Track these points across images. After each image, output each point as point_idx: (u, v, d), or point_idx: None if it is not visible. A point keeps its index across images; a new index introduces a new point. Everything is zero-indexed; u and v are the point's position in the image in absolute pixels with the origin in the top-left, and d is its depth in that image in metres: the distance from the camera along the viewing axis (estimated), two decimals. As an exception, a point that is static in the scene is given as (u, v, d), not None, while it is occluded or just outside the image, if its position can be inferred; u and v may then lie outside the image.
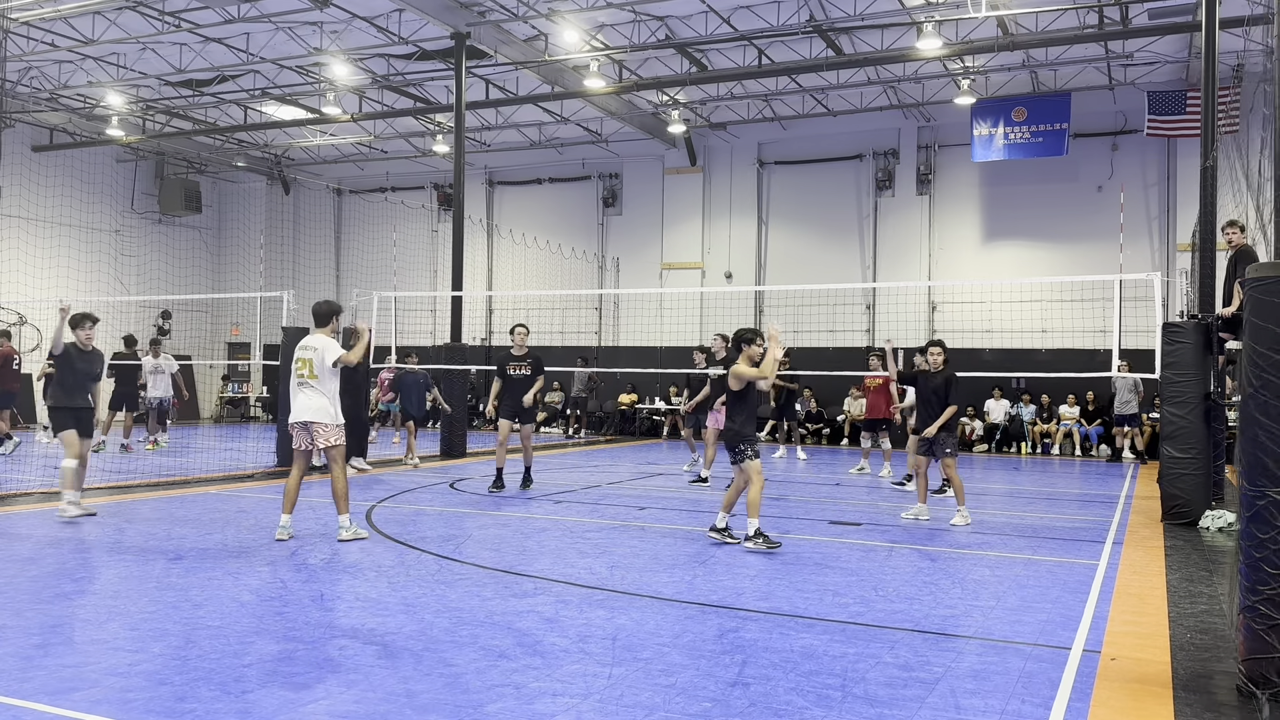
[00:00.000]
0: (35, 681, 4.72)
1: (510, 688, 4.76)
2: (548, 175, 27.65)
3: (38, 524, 9.47)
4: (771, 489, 13.71)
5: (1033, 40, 17.67)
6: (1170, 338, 10.92)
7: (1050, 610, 6.56)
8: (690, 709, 4.51)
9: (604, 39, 19.56)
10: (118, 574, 7.26)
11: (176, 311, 28.27)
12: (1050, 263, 21.89)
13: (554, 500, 12.03)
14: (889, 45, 19.04)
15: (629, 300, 25.94)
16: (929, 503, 10.88)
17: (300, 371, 8.82)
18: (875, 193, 23.89)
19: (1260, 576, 4.74)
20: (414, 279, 27.76)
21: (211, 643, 5.43)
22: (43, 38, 19.65)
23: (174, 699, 4.51)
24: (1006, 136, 21.19)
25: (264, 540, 8.74)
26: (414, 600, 6.54)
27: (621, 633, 5.80)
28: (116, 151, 27.15)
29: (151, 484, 12.70)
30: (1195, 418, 10.70)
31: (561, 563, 8.02)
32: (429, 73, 21.67)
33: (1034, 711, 4.56)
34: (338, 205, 30.45)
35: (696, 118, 24.08)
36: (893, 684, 4.92)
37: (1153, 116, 19.71)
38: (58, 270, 24.67)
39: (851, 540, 9.03)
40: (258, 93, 23.13)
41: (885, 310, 23.36)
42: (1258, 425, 4.83)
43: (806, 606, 6.57)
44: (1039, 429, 21.27)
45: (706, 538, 9.17)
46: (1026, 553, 8.84)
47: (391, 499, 11.75)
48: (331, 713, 4.38)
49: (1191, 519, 10.54)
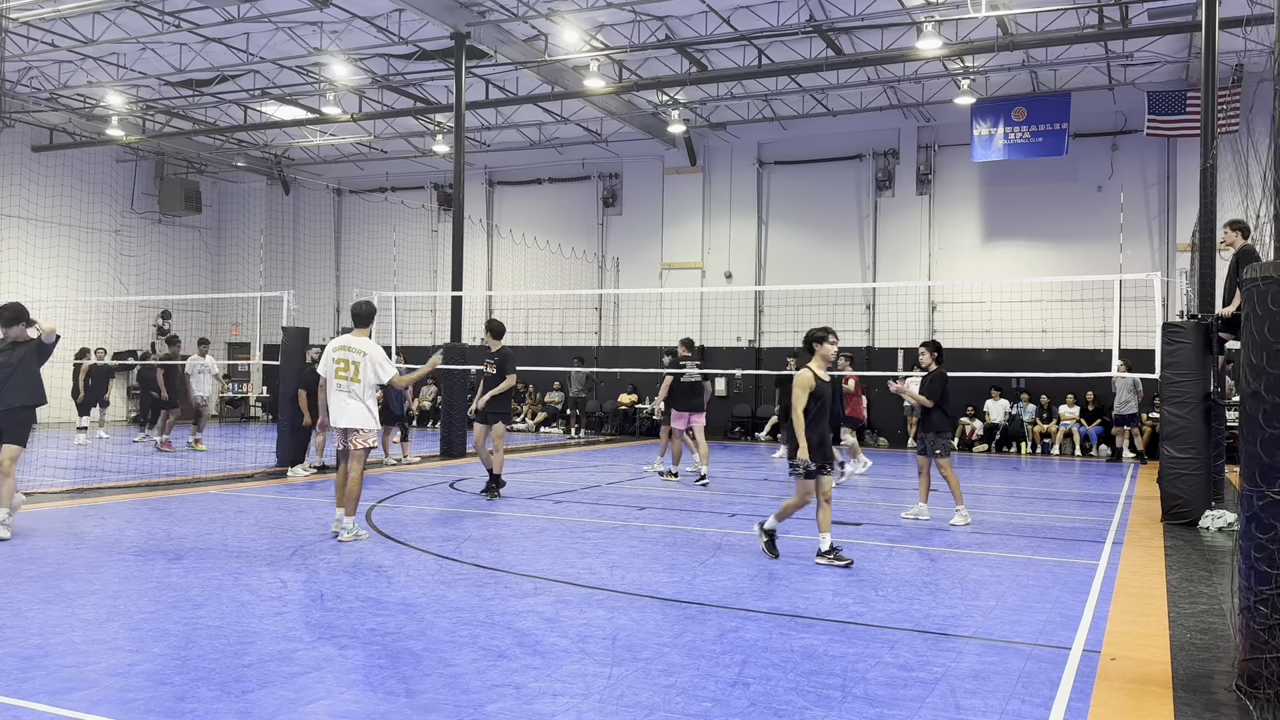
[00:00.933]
0: (35, 681, 4.72)
1: (510, 688, 4.76)
2: (548, 175, 27.64)
3: (38, 524, 9.47)
4: (772, 489, 13.72)
5: (1033, 40, 17.67)
6: (1170, 338, 10.92)
7: (1050, 610, 6.56)
8: (690, 709, 4.51)
9: (604, 39, 19.56)
10: (118, 574, 7.26)
11: (176, 311, 28.29)
12: (1050, 263, 21.88)
13: (554, 500, 12.03)
14: (889, 45, 19.03)
15: (629, 300, 25.94)
16: (929, 502, 10.90)
17: (344, 374, 8.75)
18: (875, 193, 23.88)
19: (1260, 576, 4.74)
20: (414, 279, 27.75)
21: (211, 643, 5.43)
22: (42, 38, 19.64)
23: (174, 699, 4.51)
24: (1006, 136, 21.18)
25: (264, 540, 8.74)
26: (414, 600, 6.54)
27: (621, 633, 5.80)
28: (116, 151, 27.15)
29: (151, 484, 12.70)
30: (1195, 418, 10.69)
31: (561, 563, 8.03)
32: (429, 73, 21.67)
33: (1034, 711, 4.56)
34: (338, 205, 30.44)
35: (696, 118, 24.08)
36: (893, 684, 4.92)
37: (1153, 116, 19.71)
38: (57, 270, 24.69)
39: (851, 540, 9.02)
40: (258, 93, 23.12)
41: (885, 310, 23.35)
42: (1257, 425, 4.83)
43: (806, 606, 6.58)
44: (1039, 429, 21.27)
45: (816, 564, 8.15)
46: (1026, 553, 8.84)
47: (391, 499, 11.75)
48: (331, 713, 4.38)
49: (1191, 519, 10.54)
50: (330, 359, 8.88)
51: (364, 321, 9.02)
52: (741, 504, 12.00)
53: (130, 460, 16.00)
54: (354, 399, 8.74)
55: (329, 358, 8.91)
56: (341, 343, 8.95)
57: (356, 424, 8.74)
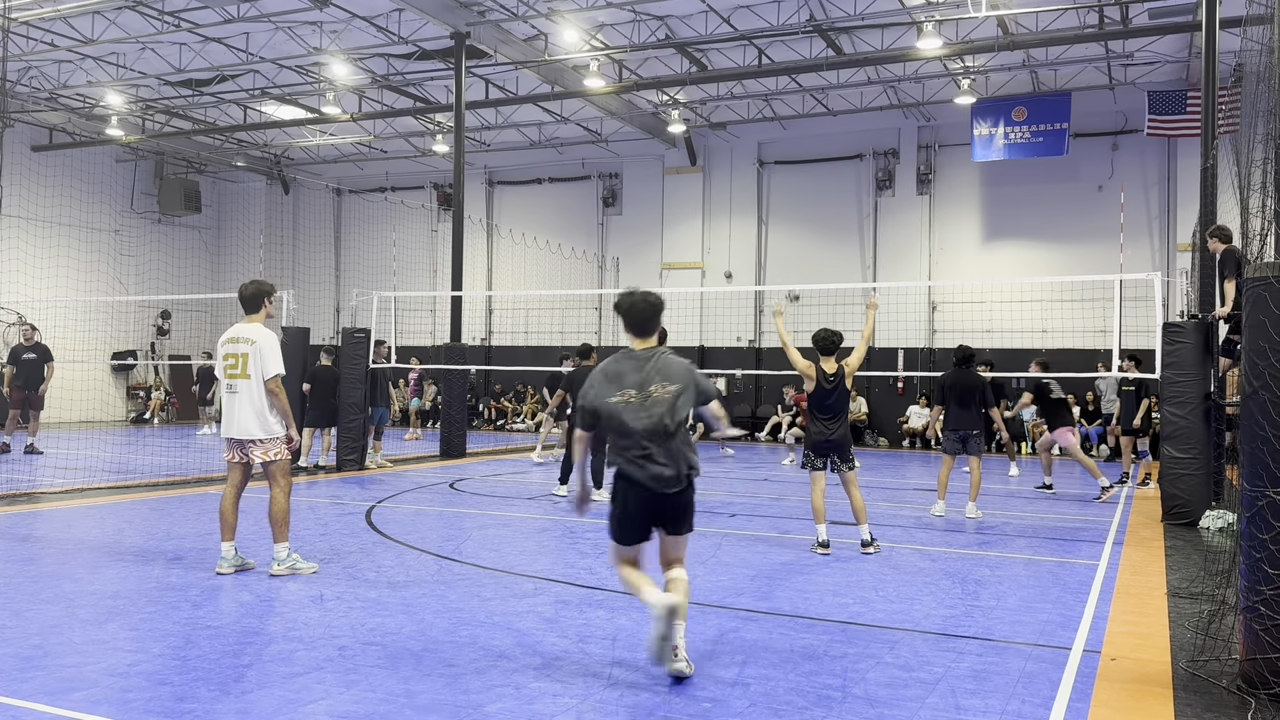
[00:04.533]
0: (35, 681, 4.72)
1: (510, 688, 4.76)
2: (548, 175, 27.64)
3: (38, 524, 9.46)
4: (772, 489, 13.72)
5: (1033, 40, 17.67)
6: (1170, 338, 10.92)
7: (1050, 610, 6.56)
8: (690, 709, 4.51)
9: (604, 39, 19.56)
10: (118, 574, 7.25)
11: (176, 311, 28.30)
12: (1050, 263, 21.88)
13: (554, 500, 12.02)
14: (889, 45, 19.03)
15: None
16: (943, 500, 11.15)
17: (233, 370, 7.31)
18: (875, 192, 23.88)
19: (1260, 576, 4.74)
20: (414, 279, 27.75)
21: (211, 643, 5.42)
22: (42, 37, 19.65)
23: (174, 699, 4.51)
24: (1006, 136, 21.18)
25: (264, 540, 8.72)
26: (414, 600, 6.53)
27: (621, 633, 5.80)
28: (116, 151, 27.15)
29: (151, 484, 12.70)
30: (1195, 418, 10.69)
31: (561, 563, 8.02)
32: (429, 73, 21.67)
33: (1034, 711, 4.56)
34: (337, 205, 30.44)
35: (696, 117, 24.08)
36: (893, 684, 4.92)
37: (1153, 116, 19.71)
38: (57, 270, 24.70)
39: (852, 540, 9.02)
40: (257, 92, 23.12)
41: (885, 310, 23.27)
42: (1258, 425, 4.83)
43: (806, 606, 6.57)
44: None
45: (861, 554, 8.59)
46: (1026, 553, 8.84)
47: (391, 499, 11.75)
48: (331, 713, 4.38)
49: (1191, 519, 10.54)
50: (219, 354, 7.44)
51: (251, 306, 7.50)
52: (741, 504, 12.00)
53: (131, 460, 15.99)
54: (245, 401, 7.24)
55: (218, 353, 7.49)
56: (229, 334, 7.46)
57: (252, 434, 7.25)
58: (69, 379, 24.50)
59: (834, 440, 8.71)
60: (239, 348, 7.29)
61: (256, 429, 7.23)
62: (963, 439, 10.97)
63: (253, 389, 7.22)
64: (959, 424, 10.99)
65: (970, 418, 10.95)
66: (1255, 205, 6.91)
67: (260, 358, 7.23)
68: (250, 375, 7.22)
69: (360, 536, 9.07)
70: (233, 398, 7.28)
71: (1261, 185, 6.76)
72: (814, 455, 8.80)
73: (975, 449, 11.00)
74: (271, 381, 7.24)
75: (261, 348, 7.25)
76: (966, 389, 11.00)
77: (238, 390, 7.24)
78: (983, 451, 11.18)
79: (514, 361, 25.85)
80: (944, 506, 11.01)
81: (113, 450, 17.66)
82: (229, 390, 7.29)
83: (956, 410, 10.99)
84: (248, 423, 7.22)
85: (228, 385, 7.28)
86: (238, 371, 7.24)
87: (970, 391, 10.98)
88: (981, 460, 11.14)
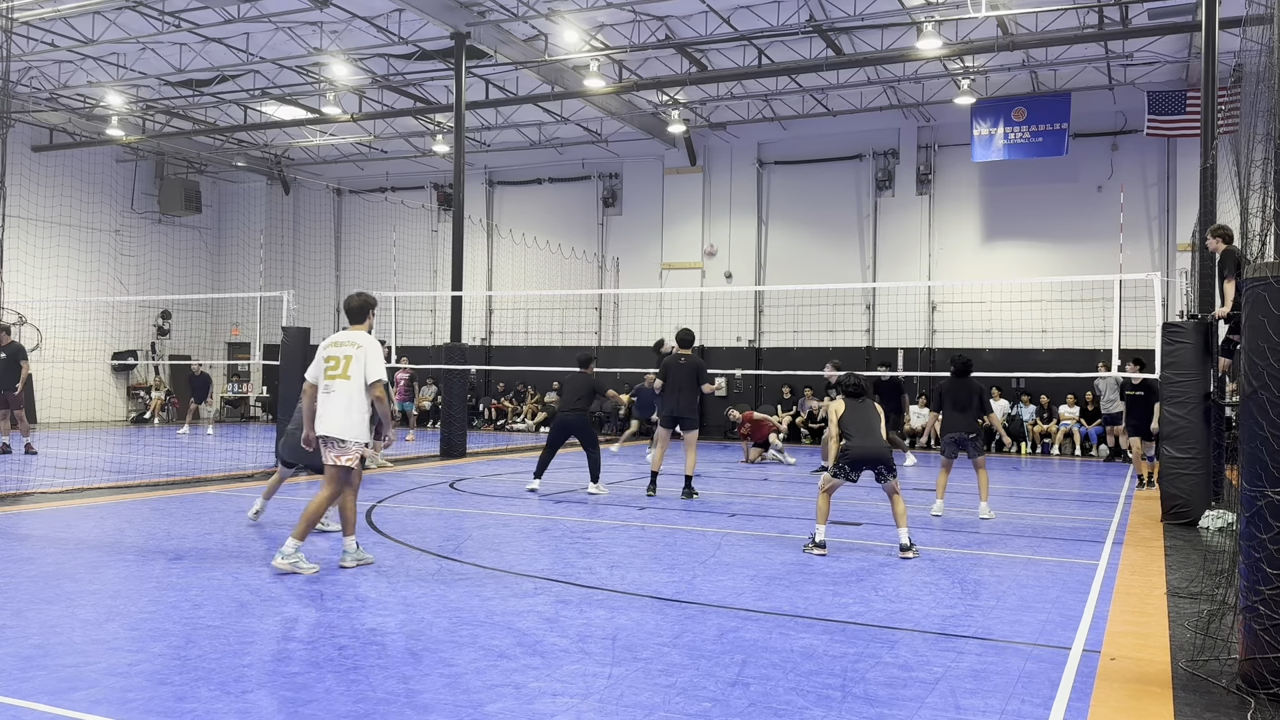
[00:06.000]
0: (35, 681, 4.72)
1: (510, 688, 4.76)
2: (548, 175, 27.65)
3: (38, 524, 9.47)
4: (772, 489, 13.72)
5: (1033, 40, 17.68)
6: (1170, 338, 10.91)
7: (1050, 610, 6.56)
8: (690, 709, 4.51)
9: (604, 39, 19.56)
10: (118, 574, 7.26)
11: (176, 311, 28.31)
12: (1050, 263, 21.89)
13: (554, 500, 12.03)
14: (889, 45, 19.04)
15: (629, 300, 25.94)
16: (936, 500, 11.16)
17: (334, 371, 7.56)
18: (875, 193, 23.89)
19: (1259, 576, 4.74)
20: (414, 279, 27.76)
21: (211, 643, 5.43)
22: (43, 38, 19.65)
23: (174, 699, 4.51)
24: (1006, 136, 21.19)
25: (264, 540, 8.74)
26: (414, 600, 6.54)
27: (621, 633, 5.80)
28: (116, 151, 27.15)
29: (151, 484, 12.70)
30: (1195, 418, 10.69)
31: (561, 563, 8.02)
32: (429, 73, 21.67)
33: (1034, 711, 4.56)
34: (338, 205, 30.45)
35: (696, 118, 24.08)
36: (893, 684, 4.92)
37: (1153, 116, 19.71)
38: (57, 270, 24.70)
39: (851, 540, 9.02)
40: (258, 93, 23.13)
41: (885, 310, 23.35)
42: (1257, 425, 4.83)
43: (806, 606, 6.57)
44: (1039, 429, 21.27)
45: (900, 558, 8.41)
46: (1026, 553, 8.84)
47: (391, 499, 11.75)
48: (331, 713, 4.38)
49: (1191, 519, 10.54)
50: (320, 359, 7.73)
51: (357, 316, 7.82)
52: (741, 504, 12.00)
53: (131, 460, 16.00)
54: (339, 401, 7.46)
55: (319, 357, 7.76)
56: (333, 338, 7.80)
57: (336, 432, 7.45)
58: (69, 379, 24.51)
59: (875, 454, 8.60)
60: (343, 350, 7.58)
61: (342, 429, 7.45)
62: (959, 443, 10.95)
63: (351, 390, 7.48)
64: (955, 428, 10.97)
65: (966, 421, 10.90)
66: (1255, 205, 6.92)
67: (364, 362, 7.52)
68: (351, 376, 7.50)
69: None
70: (328, 397, 7.55)
71: (1261, 185, 6.76)
72: (850, 470, 8.59)
73: (975, 452, 10.96)
74: (375, 387, 7.52)
75: (367, 352, 7.55)
76: (963, 394, 11.00)
77: (334, 390, 7.52)
78: (983, 453, 11.18)
79: (514, 361, 25.86)
80: (942, 506, 11.04)
81: (113, 450, 17.66)
82: (325, 391, 7.57)
83: (953, 414, 10.98)
84: (336, 422, 7.47)
85: (325, 386, 7.58)
86: (338, 372, 7.53)
87: (967, 396, 10.96)
88: (985, 461, 11.14)
